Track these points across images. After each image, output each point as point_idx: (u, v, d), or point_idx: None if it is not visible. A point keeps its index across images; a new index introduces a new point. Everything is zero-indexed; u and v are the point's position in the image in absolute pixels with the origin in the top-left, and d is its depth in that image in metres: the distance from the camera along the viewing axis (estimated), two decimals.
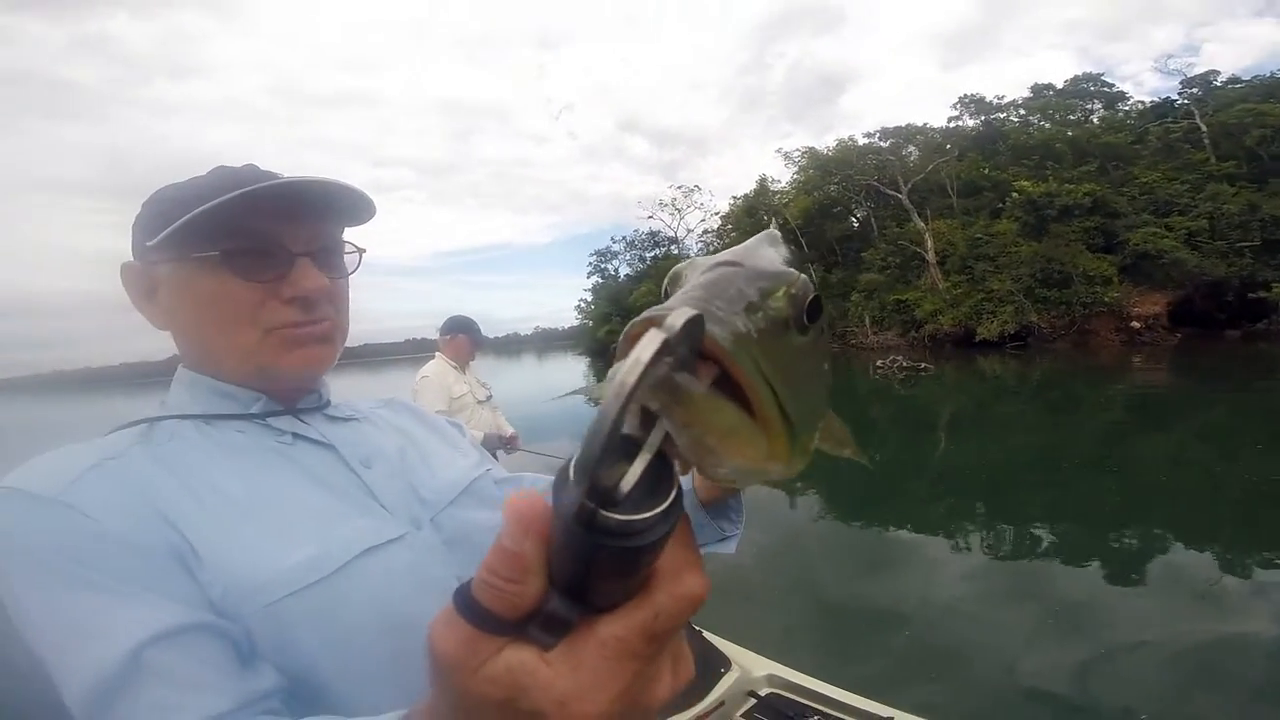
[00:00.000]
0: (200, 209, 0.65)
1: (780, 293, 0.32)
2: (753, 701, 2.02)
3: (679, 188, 60.19)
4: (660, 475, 0.26)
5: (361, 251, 0.80)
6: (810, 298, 0.33)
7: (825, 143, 41.78)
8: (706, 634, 2.47)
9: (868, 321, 33.50)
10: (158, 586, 0.57)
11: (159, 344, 0.78)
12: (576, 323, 73.82)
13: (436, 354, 4.26)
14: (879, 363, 22.07)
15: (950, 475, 8.60)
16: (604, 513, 0.24)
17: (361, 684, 0.62)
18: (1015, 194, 29.39)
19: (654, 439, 0.26)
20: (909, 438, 11.49)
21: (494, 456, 1.23)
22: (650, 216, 61.78)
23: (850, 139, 39.94)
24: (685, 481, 0.92)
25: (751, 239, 0.42)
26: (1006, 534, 6.05)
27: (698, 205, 58.74)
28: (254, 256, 0.70)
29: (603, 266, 66.80)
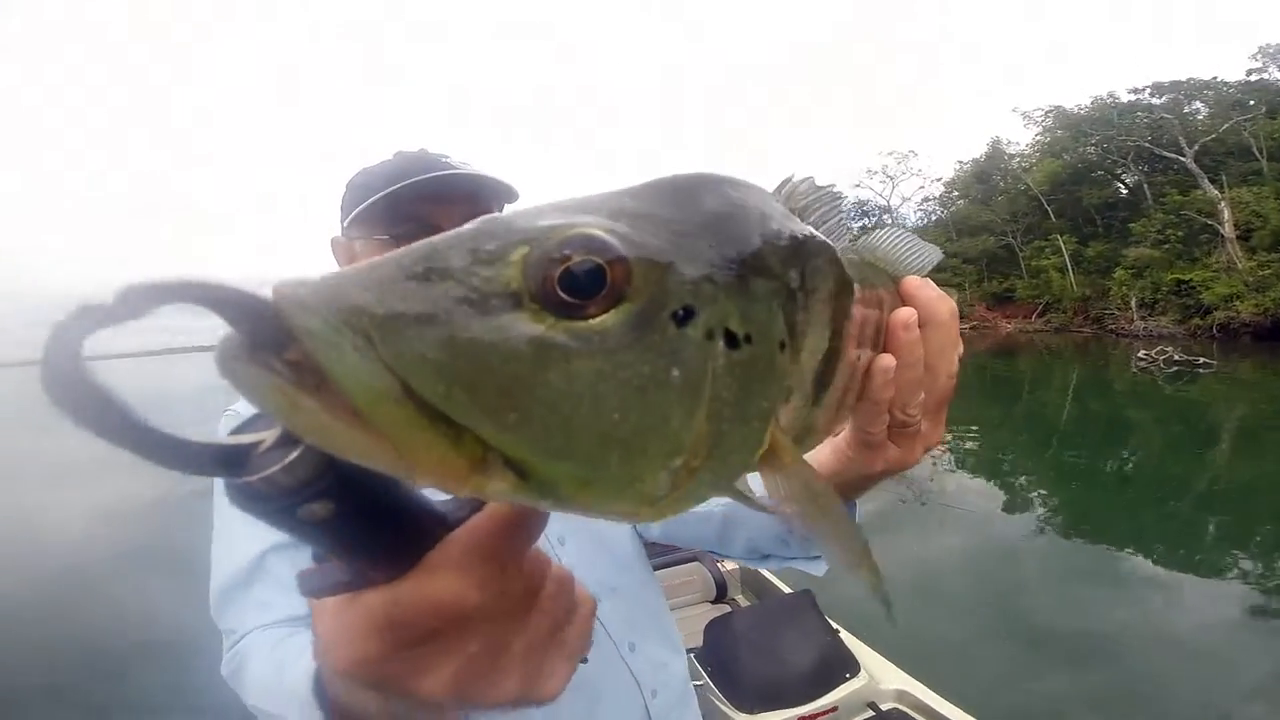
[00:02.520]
0: (368, 201, 0.81)
1: (513, 255, 0.23)
2: (870, 714, 1.86)
3: (890, 153, 55.33)
4: (287, 449, 0.23)
5: None
6: (581, 266, 0.22)
7: (1077, 101, 35.10)
8: (844, 633, 2.32)
9: (1134, 304, 28.31)
10: None
11: None
12: None
13: None
14: (1142, 354, 18.50)
15: (1223, 497, 6.94)
16: (229, 477, 0.23)
17: None
18: None
19: None
20: (1173, 447, 9.46)
21: None
22: (857, 185, 58.11)
23: (1110, 96, 33.61)
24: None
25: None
26: None
27: (914, 171, 53.74)
28: (418, 239, 0.83)
29: None
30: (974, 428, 10.81)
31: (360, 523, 0.25)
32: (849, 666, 2.05)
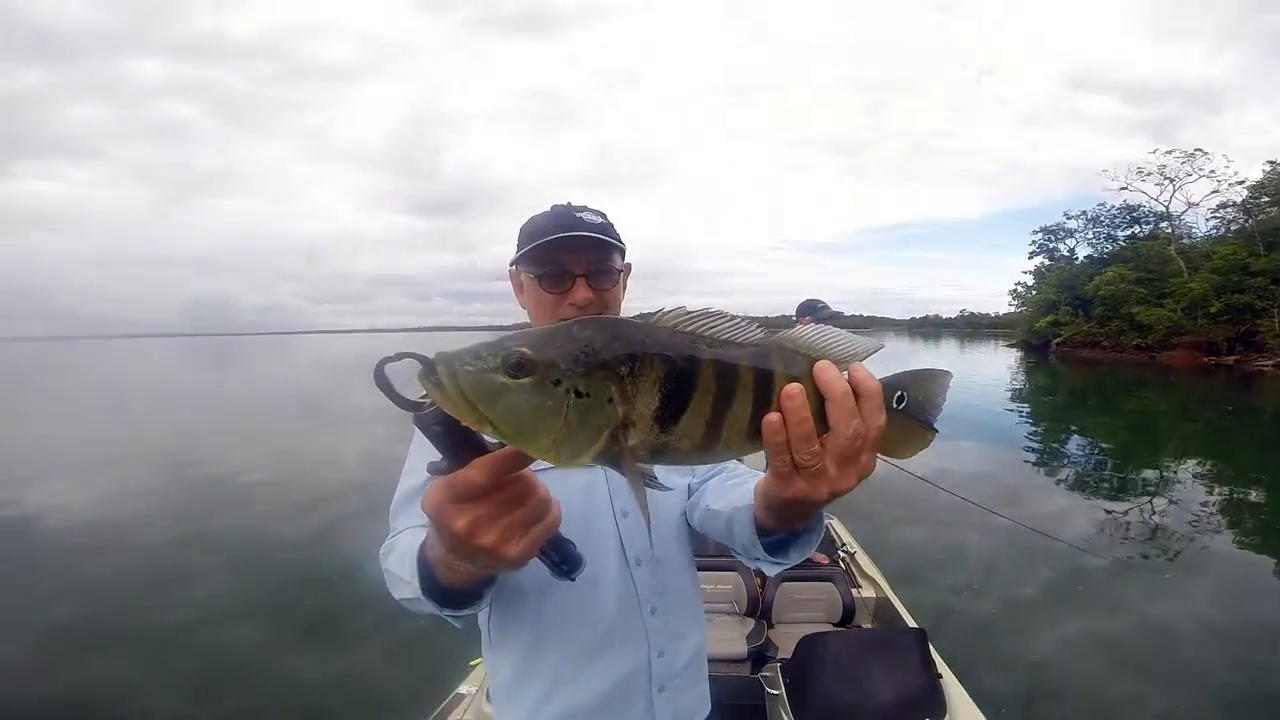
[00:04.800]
0: (522, 250, 1.12)
1: (499, 354, 0.50)
2: None
3: (1169, 152, 45.71)
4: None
5: (620, 271, 1.18)
6: (511, 360, 0.49)
7: None
8: (949, 678, 2.21)
9: None
10: None
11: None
12: (1011, 309, 64.73)
13: None
14: None
15: None
16: (415, 412, 0.55)
17: None
18: None
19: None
20: None
21: None
22: (1124, 188, 49.01)
23: None
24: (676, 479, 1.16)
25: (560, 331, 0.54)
26: None
27: (1205, 173, 43.91)
28: (553, 278, 1.12)
29: (1050, 246, 56.23)
30: (1253, 491, 8.98)
31: (453, 440, 0.56)
32: (934, 712, 1.98)
